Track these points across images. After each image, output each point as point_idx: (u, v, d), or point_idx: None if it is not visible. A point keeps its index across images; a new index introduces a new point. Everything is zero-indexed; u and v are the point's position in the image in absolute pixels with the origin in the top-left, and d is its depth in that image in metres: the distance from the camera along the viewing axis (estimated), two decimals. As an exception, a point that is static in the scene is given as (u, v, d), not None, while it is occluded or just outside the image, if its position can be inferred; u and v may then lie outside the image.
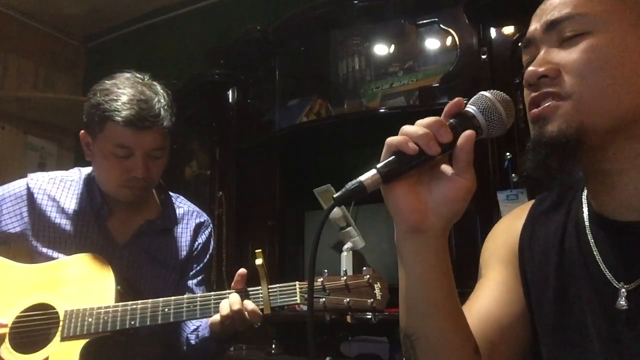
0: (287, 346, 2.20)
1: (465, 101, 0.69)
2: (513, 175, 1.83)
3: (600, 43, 0.68)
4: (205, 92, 2.70)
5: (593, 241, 0.74)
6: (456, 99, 0.68)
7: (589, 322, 0.72)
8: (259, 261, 1.20)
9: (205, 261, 1.49)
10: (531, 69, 0.72)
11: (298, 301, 1.20)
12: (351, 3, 2.34)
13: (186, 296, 1.25)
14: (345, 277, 1.20)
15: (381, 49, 2.52)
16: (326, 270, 1.23)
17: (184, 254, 1.45)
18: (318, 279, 1.20)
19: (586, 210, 0.77)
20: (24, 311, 1.27)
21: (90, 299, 1.25)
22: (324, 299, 1.18)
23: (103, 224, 1.38)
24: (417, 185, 0.66)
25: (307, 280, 0.68)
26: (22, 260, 1.34)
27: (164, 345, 1.41)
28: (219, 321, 1.21)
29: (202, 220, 1.52)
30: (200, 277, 1.47)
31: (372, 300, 1.17)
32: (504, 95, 0.69)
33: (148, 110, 1.27)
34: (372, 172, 0.64)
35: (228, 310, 1.18)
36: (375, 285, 1.18)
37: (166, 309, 1.23)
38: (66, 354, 1.21)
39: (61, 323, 1.24)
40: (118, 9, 3.42)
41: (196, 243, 1.48)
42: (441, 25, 2.17)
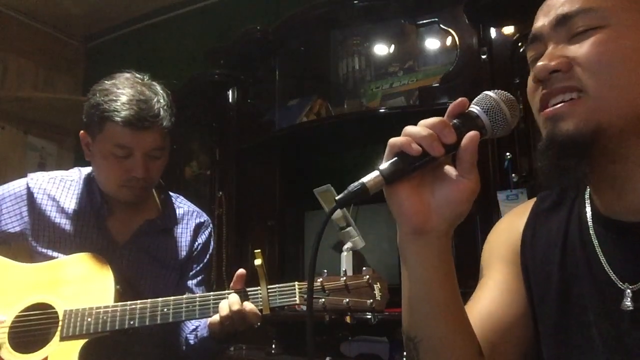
0: (287, 346, 2.20)
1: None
2: (513, 175, 1.83)
3: (612, 37, 0.66)
4: (205, 92, 2.70)
5: (596, 241, 0.72)
6: (460, 99, 0.66)
7: (592, 323, 0.71)
8: (258, 261, 1.20)
9: (205, 261, 1.49)
10: (542, 64, 0.69)
11: (297, 301, 1.20)
12: (351, 3, 2.34)
13: (185, 296, 1.25)
14: (344, 278, 1.19)
15: (381, 49, 2.52)
16: (326, 270, 1.23)
17: (184, 254, 1.45)
18: (317, 279, 1.19)
19: (589, 210, 0.75)
20: (23, 311, 1.27)
21: (89, 299, 1.25)
22: (324, 300, 1.18)
23: (103, 224, 1.38)
24: (420, 186, 0.65)
25: (307, 281, 0.68)
26: (22, 259, 1.34)
27: (163, 345, 1.41)
28: (218, 321, 1.21)
29: (202, 220, 1.52)
30: (200, 277, 1.47)
31: (372, 300, 1.17)
32: (509, 95, 0.67)
33: (147, 110, 1.27)
34: (375, 174, 0.63)
35: (227, 310, 1.18)
36: (375, 285, 1.18)
37: (165, 309, 1.23)
38: (65, 354, 1.21)
39: (60, 323, 1.24)
40: (118, 9, 3.42)
41: (196, 243, 1.48)
42: (441, 25, 2.17)
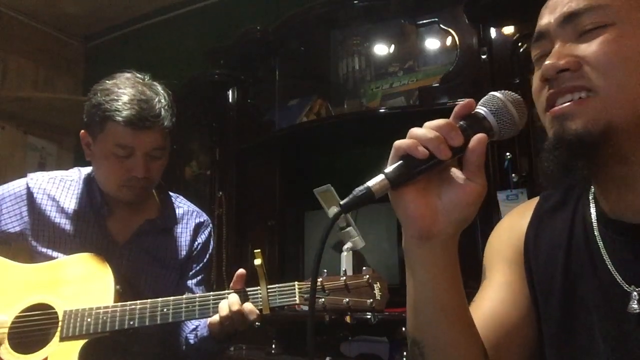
0: (287, 346, 2.20)
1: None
2: (513, 175, 1.83)
3: (622, 35, 0.65)
4: (205, 92, 2.70)
5: (602, 243, 0.71)
6: (467, 100, 0.65)
7: (596, 325, 0.70)
8: (258, 261, 1.20)
9: (204, 261, 1.49)
10: (550, 63, 0.67)
11: (297, 301, 1.20)
12: (351, 3, 2.34)
13: (185, 296, 1.25)
14: (344, 277, 1.19)
15: (381, 49, 2.51)
16: (325, 270, 1.23)
17: (184, 254, 1.45)
18: (317, 279, 1.20)
19: (594, 210, 0.74)
20: (23, 311, 1.27)
21: (89, 299, 1.24)
22: (324, 299, 1.18)
23: (103, 224, 1.38)
24: (426, 190, 0.63)
25: (310, 288, 0.66)
26: (22, 260, 1.34)
27: (163, 345, 1.41)
28: (218, 321, 1.21)
29: (202, 220, 1.52)
30: (199, 277, 1.47)
31: (372, 300, 1.17)
32: (516, 95, 0.66)
33: (149, 110, 1.27)
34: (380, 178, 0.61)
35: (227, 310, 1.18)
36: (375, 285, 1.18)
37: (165, 309, 1.23)
38: (65, 354, 1.21)
39: (60, 323, 1.24)
40: (118, 9, 3.42)
41: (196, 243, 1.48)
42: (441, 25, 2.17)
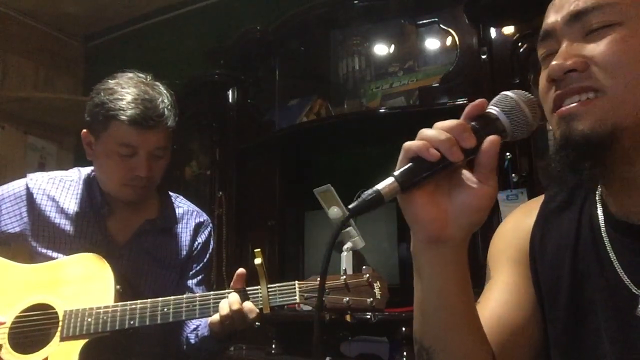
0: (287, 346, 2.19)
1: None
2: (513, 175, 1.83)
3: (630, 34, 0.64)
4: (205, 92, 2.70)
5: (609, 244, 0.70)
6: (479, 100, 0.63)
7: (603, 327, 0.69)
8: (258, 261, 1.20)
9: (205, 261, 1.49)
10: (557, 63, 0.66)
11: (297, 300, 1.20)
12: (351, 3, 2.34)
13: (185, 296, 1.25)
14: (344, 277, 1.19)
15: (381, 49, 2.51)
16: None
17: (184, 254, 1.45)
18: (318, 279, 1.20)
19: (601, 211, 0.73)
20: (24, 311, 1.27)
21: (89, 299, 1.24)
22: (324, 298, 1.18)
23: (103, 224, 1.38)
24: (436, 193, 0.62)
25: (318, 291, 0.66)
26: (22, 260, 1.34)
27: (164, 344, 1.41)
28: (219, 321, 1.21)
29: (202, 220, 1.52)
30: (200, 277, 1.47)
31: (372, 299, 1.17)
32: (529, 94, 0.64)
33: (153, 109, 1.28)
34: (389, 180, 0.59)
35: (227, 310, 1.18)
36: (374, 284, 1.18)
37: (165, 309, 1.23)
38: (65, 354, 1.21)
39: (60, 323, 1.24)
40: (118, 9, 3.42)
41: (196, 243, 1.48)
42: (441, 25, 2.17)
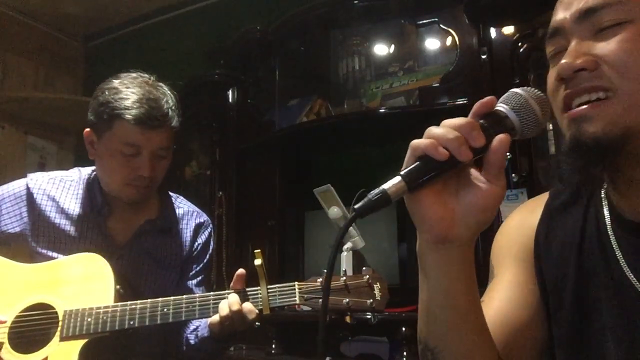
0: (287, 346, 2.19)
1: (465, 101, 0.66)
2: (513, 175, 1.83)
3: None
4: (205, 92, 2.70)
5: (615, 243, 0.69)
6: (488, 98, 0.62)
7: (608, 327, 0.68)
8: (258, 261, 1.20)
9: (205, 261, 1.49)
10: (566, 62, 0.65)
11: (297, 301, 1.20)
12: (351, 3, 2.34)
13: (185, 296, 1.25)
14: (344, 278, 1.19)
15: (381, 49, 2.51)
16: (325, 270, 1.22)
17: (184, 254, 1.45)
18: (317, 279, 1.20)
19: (607, 210, 0.72)
20: (23, 311, 1.27)
21: (89, 299, 1.24)
22: (324, 299, 1.18)
23: (103, 224, 1.38)
24: (444, 192, 0.61)
25: (324, 294, 0.65)
26: (22, 260, 1.34)
27: (163, 345, 1.41)
28: (218, 321, 1.21)
29: (202, 220, 1.52)
30: (199, 278, 1.47)
31: (372, 300, 1.17)
32: (538, 92, 0.63)
33: (157, 109, 1.29)
34: (396, 180, 0.58)
35: (227, 311, 1.18)
36: (375, 285, 1.18)
37: (165, 309, 1.23)
38: (65, 354, 1.21)
39: (60, 323, 1.24)
40: (118, 9, 3.42)
41: (196, 243, 1.48)
42: (441, 25, 2.17)
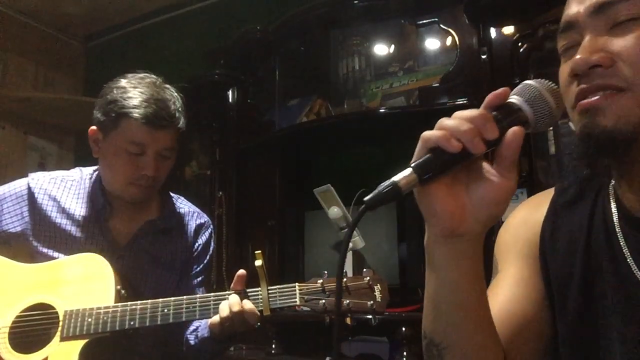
0: (287, 346, 2.19)
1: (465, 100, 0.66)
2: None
3: None
4: (205, 92, 2.70)
5: (623, 240, 0.69)
6: (502, 89, 0.60)
7: (614, 325, 0.68)
8: (259, 262, 1.20)
9: (205, 262, 1.49)
10: (581, 57, 0.63)
11: (297, 303, 1.20)
12: (351, 3, 2.34)
13: (185, 297, 1.25)
14: (345, 279, 1.19)
15: (381, 49, 2.51)
16: (326, 271, 1.23)
17: (185, 255, 1.45)
18: (318, 281, 1.20)
19: (614, 206, 0.72)
20: (24, 311, 1.27)
21: (90, 299, 1.25)
22: (324, 301, 1.18)
23: (104, 224, 1.38)
24: (454, 185, 0.60)
25: (336, 290, 0.66)
26: (23, 260, 1.34)
27: (163, 345, 1.41)
28: (219, 322, 1.21)
29: (203, 221, 1.52)
30: (200, 278, 1.47)
31: (372, 302, 1.16)
32: (552, 83, 0.62)
33: (165, 110, 1.31)
34: (408, 172, 0.57)
35: (228, 311, 1.18)
36: (375, 287, 1.17)
37: (165, 310, 1.23)
38: (65, 354, 1.21)
39: (61, 323, 1.24)
40: (118, 9, 3.41)
41: (196, 244, 1.48)
42: (441, 25, 2.16)
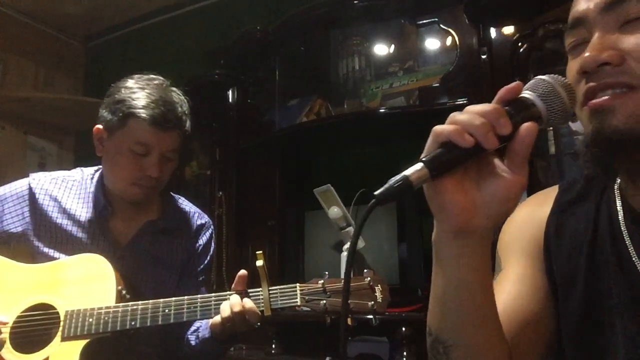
0: (287, 346, 2.20)
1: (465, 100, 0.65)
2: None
3: None
4: (205, 92, 2.70)
5: (629, 239, 0.68)
6: (515, 83, 0.59)
7: (618, 325, 0.67)
8: (260, 263, 1.20)
9: (206, 262, 1.49)
10: (590, 55, 0.63)
11: (298, 303, 1.20)
12: (351, 3, 2.34)
13: (187, 297, 1.25)
14: (346, 279, 1.19)
15: (381, 49, 2.51)
16: (327, 272, 1.23)
17: (185, 255, 1.45)
18: (319, 281, 1.20)
19: (620, 204, 0.71)
20: (25, 311, 1.27)
21: (91, 300, 1.25)
22: (325, 302, 1.18)
23: (105, 225, 1.38)
24: (464, 181, 0.59)
25: (343, 289, 0.64)
26: (24, 260, 1.34)
27: (164, 345, 1.41)
28: (220, 322, 1.21)
29: (203, 221, 1.52)
30: (201, 278, 1.48)
31: (373, 302, 1.16)
32: (565, 78, 0.61)
33: (172, 112, 1.31)
34: (419, 166, 0.56)
35: (229, 312, 1.18)
36: (376, 287, 1.17)
37: (166, 310, 1.23)
38: (66, 354, 1.21)
39: (62, 323, 1.24)
40: (118, 9, 3.41)
41: (197, 244, 1.48)
42: (441, 25, 2.17)
